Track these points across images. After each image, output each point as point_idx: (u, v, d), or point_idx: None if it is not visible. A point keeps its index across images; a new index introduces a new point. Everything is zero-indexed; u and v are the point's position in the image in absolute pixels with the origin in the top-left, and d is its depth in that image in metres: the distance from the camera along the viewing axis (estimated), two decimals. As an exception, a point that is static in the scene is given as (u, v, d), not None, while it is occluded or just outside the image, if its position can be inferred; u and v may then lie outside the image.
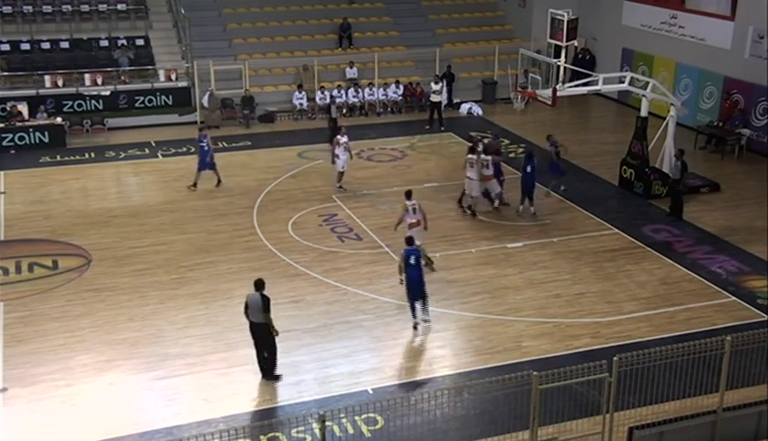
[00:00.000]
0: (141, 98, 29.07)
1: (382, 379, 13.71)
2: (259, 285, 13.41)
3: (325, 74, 31.21)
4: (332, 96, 29.62)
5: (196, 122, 28.27)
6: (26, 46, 29.19)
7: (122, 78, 29.12)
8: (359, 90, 30.63)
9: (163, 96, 29.43)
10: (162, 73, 29.56)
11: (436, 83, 28.97)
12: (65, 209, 21.07)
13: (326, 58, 31.62)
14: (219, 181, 22.66)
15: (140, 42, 30.50)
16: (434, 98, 28.78)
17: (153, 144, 26.61)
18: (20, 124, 26.28)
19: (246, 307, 13.48)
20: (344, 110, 30.06)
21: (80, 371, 13.91)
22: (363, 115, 30.39)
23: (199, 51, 30.12)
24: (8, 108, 26.80)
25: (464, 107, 30.92)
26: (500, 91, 31.93)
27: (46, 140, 26.33)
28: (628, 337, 14.96)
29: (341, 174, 22.23)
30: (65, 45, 29.68)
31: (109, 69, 29.21)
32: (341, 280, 17.17)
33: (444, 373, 13.99)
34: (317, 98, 30.02)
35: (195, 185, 22.35)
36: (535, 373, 10.38)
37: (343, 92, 30.47)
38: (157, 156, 25.60)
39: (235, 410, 12.85)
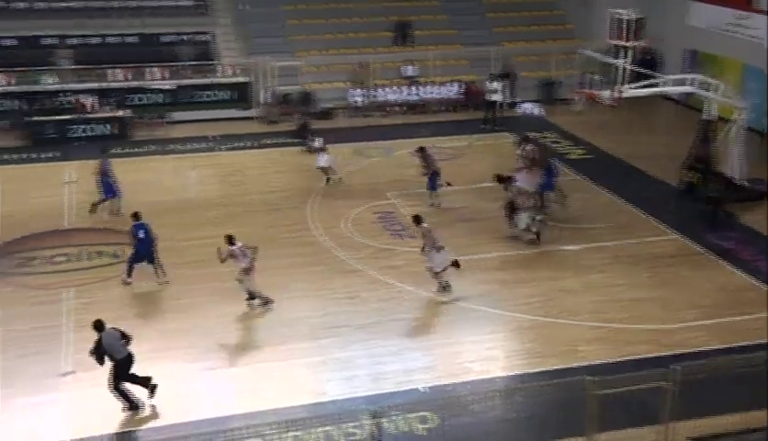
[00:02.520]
0: (203, 93, 29.58)
1: (434, 378, 13.75)
2: (102, 325, 12.89)
3: (381, 72, 31.31)
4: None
5: (254, 118, 28.65)
6: (93, 40, 29.94)
7: (185, 73, 29.66)
8: (417, 88, 30.69)
9: (223, 92, 29.93)
10: (223, 69, 30.03)
11: (492, 82, 28.84)
12: (128, 200, 21.53)
13: (382, 56, 31.69)
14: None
15: (203, 38, 31.01)
16: (491, 97, 28.65)
17: (212, 138, 27.03)
18: (88, 116, 27.02)
19: (102, 351, 12.68)
20: (397, 108, 30.22)
21: (138, 358, 14.21)
22: (418, 113, 30.42)
23: (260, 48, 30.51)
24: (73, 101, 27.55)
25: (523, 107, 30.71)
26: (559, 90, 31.63)
27: (111, 132, 27.00)
28: (687, 346, 14.70)
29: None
30: (131, 40, 30.36)
31: (173, 64, 29.78)
32: (395, 278, 17.24)
33: (496, 374, 13.96)
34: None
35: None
36: (589, 378, 10.30)
37: (401, 90, 30.58)
38: (216, 150, 26.02)
39: (286, 403, 12.98)
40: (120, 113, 27.58)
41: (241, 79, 30.06)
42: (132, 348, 14.26)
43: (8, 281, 17.08)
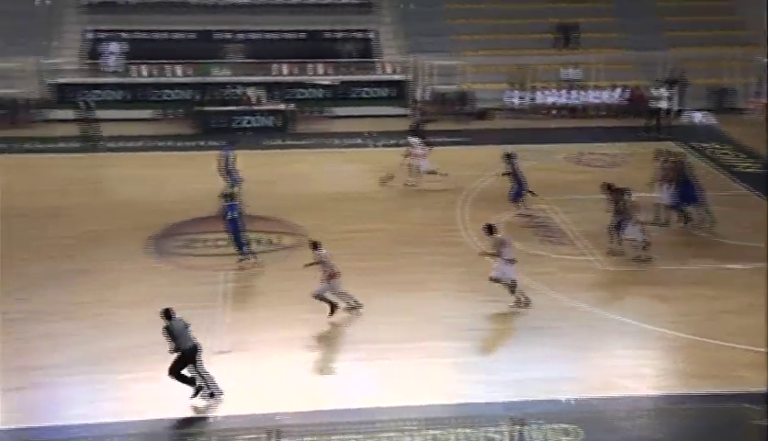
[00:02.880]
0: (362, 90, 30.19)
1: (579, 390, 13.31)
2: (171, 313, 12.98)
3: (541, 74, 30.76)
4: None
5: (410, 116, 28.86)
6: (262, 36, 31.22)
7: (346, 69, 30.36)
8: (578, 91, 29.94)
9: (381, 89, 30.40)
10: (383, 66, 30.51)
11: (659, 88, 27.66)
12: (287, 190, 22.32)
13: (542, 58, 31.12)
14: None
15: (366, 36, 31.62)
16: (657, 104, 27.49)
17: (368, 135, 27.49)
18: (253, 108, 28.24)
19: (175, 337, 12.75)
20: (555, 111, 29.58)
21: (287, 344, 14.70)
22: (578, 117, 29.68)
23: (419, 46, 30.74)
24: (240, 94, 28.88)
25: (690, 115, 29.27)
26: (733, 99, 29.87)
27: (274, 124, 28.07)
28: None
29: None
30: (297, 36, 31.40)
31: (335, 60, 30.55)
32: (544, 284, 16.87)
33: (645, 393, 13.35)
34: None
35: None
36: (751, 407, 9.64)
37: (560, 93, 29.95)
38: (372, 146, 26.44)
39: (423, 400, 12.96)
40: (283, 106, 28.63)
41: (399, 77, 30.42)
42: (284, 333, 14.77)
43: (171, 261, 18.07)
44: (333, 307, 15.43)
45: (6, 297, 16.08)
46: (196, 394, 12.97)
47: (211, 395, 12.97)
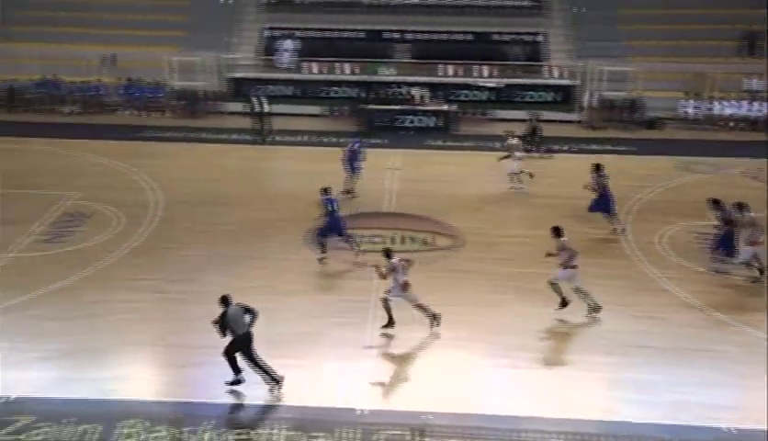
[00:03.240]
0: (526, 93, 29.76)
1: (740, 419, 12.47)
2: (229, 299, 13.04)
3: (720, 84, 29.09)
4: None
5: (578, 121, 28.16)
6: (430, 37, 31.44)
7: (512, 72, 30.03)
8: (760, 104, 28.12)
9: (547, 93, 29.84)
10: (551, 70, 29.94)
11: None
12: (444, 191, 22.35)
13: (723, 66, 29.41)
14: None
15: (534, 38, 31.13)
16: None
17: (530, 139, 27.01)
18: (417, 107, 28.50)
19: (226, 325, 12.86)
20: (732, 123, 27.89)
21: (437, 343, 14.71)
22: (758, 131, 27.87)
23: (589, 51, 29.91)
24: (405, 93, 29.21)
25: None
26: None
27: (437, 124, 28.19)
28: None
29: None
30: (465, 37, 31.38)
31: (502, 63, 30.28)
32: (707, 303, 15.95)
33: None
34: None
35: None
36: None
37: (741, 104, 28.25)
38: (534, 151, 25.99)
39: (574, 415, 12.56)
40: (447, 107, 28.70)
41: (566, 81, 29.74)
42: (433, 331, 14.77)
43: (328, 253, 18.51)
44: (391, 321, 14.97)
45: (170, 278, 17.06)
46: (233, 384, 13.08)
47: (276, 382, 13.07)
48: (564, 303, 15.56)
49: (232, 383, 13.18)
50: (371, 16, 31.94)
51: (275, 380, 13.11)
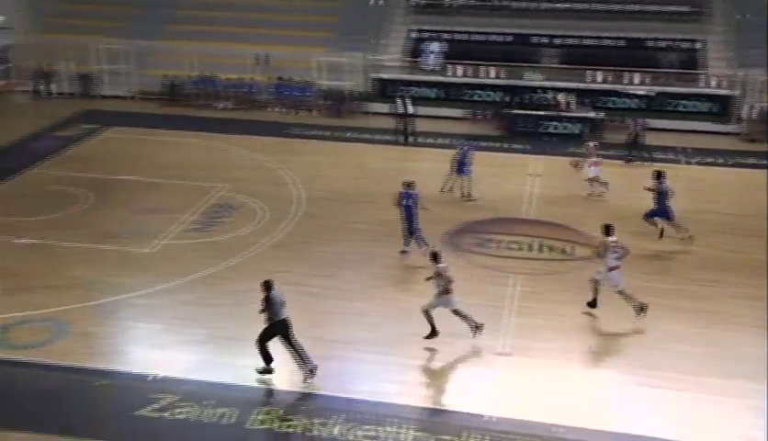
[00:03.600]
0: (679, 102, 28.57)
1: None
2: (272, 284, 13.30)
3: None
4: None
5: (736, 134, 26.78)
6: (579, 42, 30.74)
7: (665, 80, 28.88)
8: None
9: (702, 103, 28.53)
10: (708, 79, 28.58)
11: None
12: (586, 200, 21.78)
13: None
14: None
15: (692, 46, 29.81)
16: None
17: (681, 150, 25.92)
18: (562, 114, 27.90)
19: (270, 307, 13.13)
20: None
21: (571, 355, 14.36)
22: None
23: (752, 60, 28.30)
24: (550, 99, 28.67)
25: None
26: None
27: (581, 131, 27.49)
28: None
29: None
30: (616, 43, 30.46)
31: (655, 70, 29.19)
32: None
33: None
34: None
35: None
36: None
37: None
38: (685, 163, 24.91)
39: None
40: (593, 114, 27.94)
41: (725, 92, 28.30)
42: (572, 344, 14.43)
43: (464, 256, 18.45)
44: (434, 331, 14.61)
45: (310, 272, 17.49)
46: (263, 373, 13.36)
47: (311, 371, 13.27)
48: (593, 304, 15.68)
49: (263, 372, 13.47)
50: (518, 19, 31.56)
51: (309, 370, 13.33)
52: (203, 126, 28.16)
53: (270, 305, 13.28)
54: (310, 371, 13.38)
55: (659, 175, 19.26)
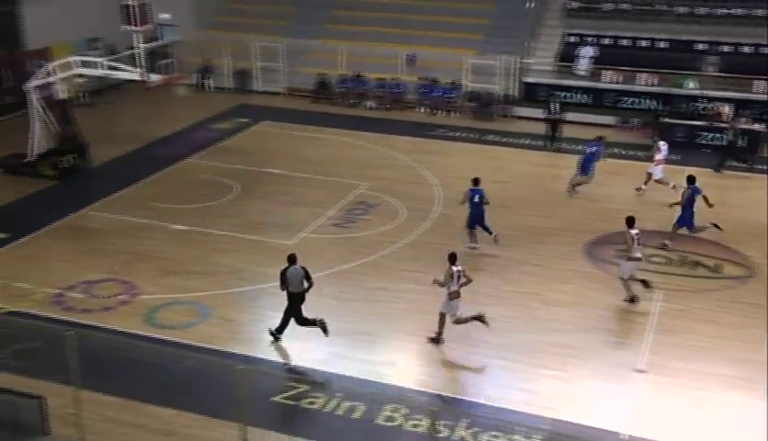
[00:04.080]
0: None
1: None
2: (294, 259, 14.48)
3: None
4: None
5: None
6: (744, 49, 29.15)
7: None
8: None
9: None
10: None
11: None
12: (741, 216, 20.64)
13: None
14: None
15: None
16: None
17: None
18: (721, 125, 26.53)
19: (285, 280, 14.38)
20: None
21: (708, 378, 13.69)
22: None
23: None
24: (711, 108, 27.33)
25: None
26: None
27: (740, 144, 26.00)
28: None
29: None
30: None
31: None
32: None
33: None
34: None
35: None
36: None
37: None
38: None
39: None
40: (756, 126, 26.37)
41: None
42: (716, 368, 13.82)
43: (606, 268, 17.91)
44: (439, 336, 14.64)
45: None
46: (273, 335, 14.69)
47: (324, 331, 14.53)
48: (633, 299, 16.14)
49: (273, 334, 14.70)
50: (675, 25, 30.24)
51: (324, 330, 14.57)
52: (350, 124, 28.77)
53: (286, 277, 14.43)
54: (324, 331, 14.56)
55: (691, 180, 18.94)
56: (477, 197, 18.55)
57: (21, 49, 29.30)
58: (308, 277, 14.53)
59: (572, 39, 31.31)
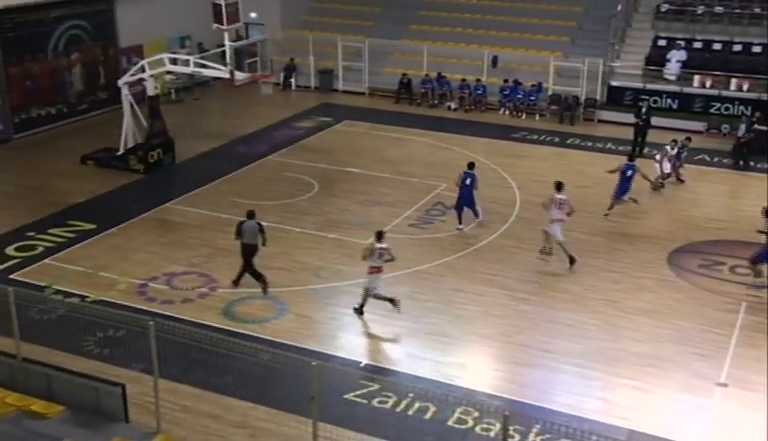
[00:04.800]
0: None
1: None
2: (252, 214, 16.37)
3: None
4: None
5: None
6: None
7: None
8: None
9: None
10: None
11: None
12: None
13: None
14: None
15: None
16: None
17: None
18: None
19: (239, 232, 16.27)
20: None
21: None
22: None
23: None
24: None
25: None
26: None
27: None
28: None
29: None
30: None
31: None
32: None
33: None
34: None
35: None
36: None
37: None
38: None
39: None
40: None
41: None
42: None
43: (686, 277, 17.45)
44: (361, 308, 15.61)
45: (520, 277, 17.37)
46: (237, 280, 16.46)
47: (264, 287, 16.36)
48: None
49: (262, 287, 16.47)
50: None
51: (264, 285, 16.36)
52: (431, 125, 28.73)
53: (240, 230, 16.30)
54: (264, 286, 16.39)
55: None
56: (468, 180, 19.43)
57: (115, 46, 30.31)
58: (262, 232, 16.29)
59: (662, 42, 30.50)
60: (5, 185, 22.78)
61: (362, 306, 15.60)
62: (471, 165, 19.85)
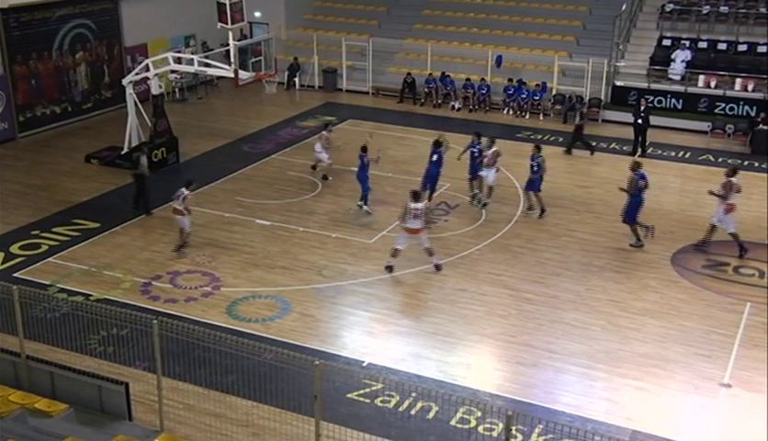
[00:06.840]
0: None
1: None
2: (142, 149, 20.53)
3: None
4: None
5: None
6: None
7: None
8: None
9: None
10: None
11: None
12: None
13: None
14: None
15: None
16: None
17: None
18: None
19: (136, 163, 20.12)
20: None
21: None
22: None
23: None
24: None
25: None
26: None
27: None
28: None
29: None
30: None
31: None
32: None
33: None
34: None
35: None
36: None
37: None
38: None
39: None
40: None
41: None
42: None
43: (694, 278, 17.41)
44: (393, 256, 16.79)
45: (525, 278, 17.32)
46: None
47: (147, 213, 20.34)
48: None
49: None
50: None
51: (146, 211, 20.20)
52: (435, 124, 28.66)
53: (138, 162, 20.02)
54: (146, 213, 20.03)
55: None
56: (435, 156, 20.53)
57: (120, 45, 30.34)
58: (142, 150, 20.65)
59: (667, 42, 30.44)
60: (10, 183, 22.82)
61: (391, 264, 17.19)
62: (438, 143, 20.96)
